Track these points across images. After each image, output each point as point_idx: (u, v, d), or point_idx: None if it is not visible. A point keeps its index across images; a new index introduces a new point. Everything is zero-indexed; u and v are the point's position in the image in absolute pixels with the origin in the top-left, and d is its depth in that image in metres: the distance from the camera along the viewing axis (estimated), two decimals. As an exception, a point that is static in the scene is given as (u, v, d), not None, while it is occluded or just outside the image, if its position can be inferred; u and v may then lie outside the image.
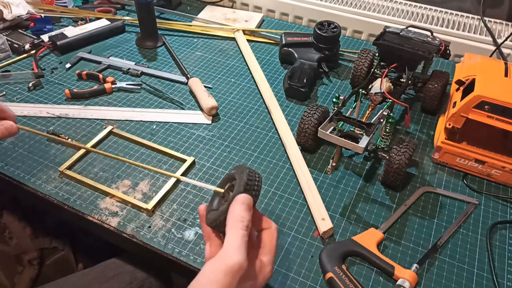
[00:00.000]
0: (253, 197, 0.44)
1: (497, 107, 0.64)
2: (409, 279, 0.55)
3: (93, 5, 1.16)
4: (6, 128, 0.55)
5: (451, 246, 0.62)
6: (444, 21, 1.06)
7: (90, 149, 0.67)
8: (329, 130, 0.65)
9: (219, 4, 1.23)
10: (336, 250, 0.58)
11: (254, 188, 0.45)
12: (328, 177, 0.71)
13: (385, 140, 0.69)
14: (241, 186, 0.44)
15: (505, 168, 0.68)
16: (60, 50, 0.97)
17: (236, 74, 0.95)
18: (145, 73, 0.93)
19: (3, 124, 0.54)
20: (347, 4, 1.12)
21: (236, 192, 0.44)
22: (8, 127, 0.55)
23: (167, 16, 1.15)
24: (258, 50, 1.03)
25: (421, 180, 0.71)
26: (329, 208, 0.66)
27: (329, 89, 0.92)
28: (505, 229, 0.64)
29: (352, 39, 1.10)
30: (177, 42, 1.05)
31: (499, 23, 1.05)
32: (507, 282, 0.57)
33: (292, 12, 1.17)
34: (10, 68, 0.92)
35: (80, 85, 0.89)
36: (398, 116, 0.85)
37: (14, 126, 0.55)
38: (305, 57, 0.93)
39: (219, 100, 0.86)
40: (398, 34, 0.79)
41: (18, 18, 1.01)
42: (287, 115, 0.83)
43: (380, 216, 0.65)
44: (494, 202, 0.68)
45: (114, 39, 1.04)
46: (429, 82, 0.81)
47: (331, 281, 0.54)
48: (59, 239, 0.99)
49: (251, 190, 0.44)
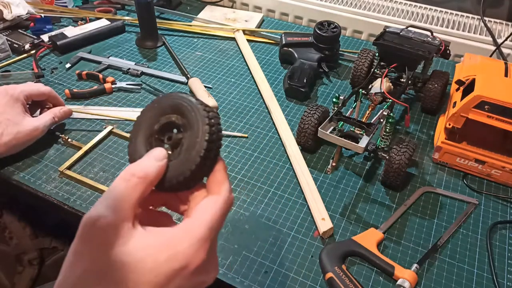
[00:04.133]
0: (218, 148, 0.33)
1: (497, 107, 0.64)
2: (409, 279, 0.55)
3: (93, 5, 1.16)
4: (65, 112, 0.73)
5: (451, 246, 0.62)
6: (444, 21, 1.06)
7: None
8: (329, 130, 0.65)
9: (219, 4, 1.23)
10: (336, 250, 0.58)
11: (220, 134, 0.33)
12: (328, 177, 0.71)
13: (385, 140, 0.69)
14: (205, 134, 0.31)
15: (505, 168, 0.68)
16: (60, 50, 0.97)
17: (236, 74, 0.95)
18: (145, 73, 0.93)
19: (62, 109, 0.73)
20: (347, 4, 1.12)
21: (201, 142, 0.31)
22: (66, 111, 0.73)
23: (167, 16, 1.15)
24: (258, 50, 1.03)
25: (421, 180, 0.71)
26: (329, 208, 0.66)
27: (329, 89, 0.92)
28: (505, 229, 0.64)
29: (352, 39, 1.10)
30: (177, 42, 1.05)
31: (499, 23, 1.05)
32: (507, 282, 0.57)
33: (292, 12, 1.17)
34: (10, 68, 0.92)
35: (80, 85, 0.89)
36: (398, 116, 0.85)
37: (70, 110, 0.75)
38: (305, 57, 0.93)
39: (219, 100, 0.86)
40: (398, 34, 0.79)
41: (18, 18, 1.01)
42: (287, 115, 0.83)
43: (380, 216, 0.65)
44: (494, 202, 0.68)
45: (114, 39, 1.04)
46: (429, 82, 0.81)
47: (331, 281, 0.54)
48: (59, 239, 0.99)
49: (216, 136, 0.32)
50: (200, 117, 0.31)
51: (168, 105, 0.33)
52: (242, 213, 0.65)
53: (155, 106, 0.34)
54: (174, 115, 0.33)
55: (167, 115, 0.33)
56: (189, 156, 0.31)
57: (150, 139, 0.33)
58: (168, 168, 0.32)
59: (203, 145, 0.31)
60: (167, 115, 0.33)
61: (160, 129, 0.33)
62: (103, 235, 0.28)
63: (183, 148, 0.32)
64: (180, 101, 0.32)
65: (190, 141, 0.31)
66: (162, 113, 0.33)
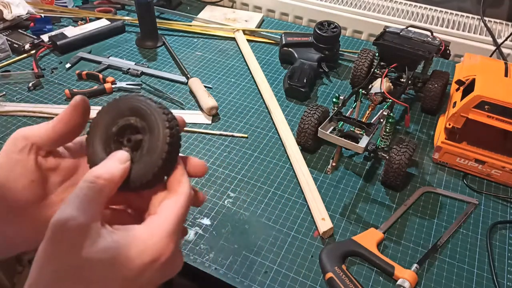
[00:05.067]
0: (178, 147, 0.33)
1: (497, 107, 0.64)
2: (409, 279, 0.55)
3: (93, 5, 1.16)
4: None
5: (451, 246, 0.62)
6: (444, 21, 1.06)
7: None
8: (329, 130, 0.65)
9: (219, 4, 1.23)
10: (336, 250, 0.58)
11: (179, 136, 0.33)
12: (328, 177, 0.71)
13: (385, 140, 0.69)
14: (166, 138, 0.31)
15: (505, 168, 0.68)
16: (60, 50, 0.97)
17: (236, 74, 0.95)
18: (145, 73, 0.93)
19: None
20: (347, 4, 1.12)
21: (162, 148, 0.31)
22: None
23: (167, 16, 1.15)
24: (258, 50, 1.03)
25: (421, 180, 0.71)
26: (329, 208, 0.66)
27: (329, 89, 0.92)
28: (505, 229, 0.64)
29: (352, 39, 1.10)
30: (177, 42, 1.05)
31: (499, 23, 1.05)
32: (507, 282, 0.57)
33: (292, 12, 1.17)
34: (10, 68, 0.92)
35: (80, 85, 0.89)
36: (398, 116, 0.85)
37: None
38: (305, 57, 0.93)
39: (219, 100, 0.86)
40: (398, 34, 0.79)
41: (18, 18, 1.01)
42: (287, 115, 0.83)
43: (380, 216, 0.65)
44: (494, 202, 0.68)
45: (114, 39, 1.04)
46: (429, 82, 0.81)
47: (331, 281, 0.54)
48: (59, 239, 0.99)
49: (176, 138, 0.32)
50: (160, 120, 0.32)
51: (127, 108, 0.33)
52: (242, 213, 0.65)
53: (111, 108, 0.33)
54: (132, 118, 0.33)
55: (125, 117, 0.33)
56: (151, 158, 0.32)
57: (108, 141, 0.33)
58: (131, 170, 0.33)
59: (164, 148, 0.32)
60: (125, 117, 0.33)
61: (118, 131, 0.33)
62: (74, 236, 0.28)
63: (144, 150, 0.32)
64: (139, 104, 0.32)
65: (151, 144, 0.32)
66: (120, 115, 0.33)
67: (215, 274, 0.56)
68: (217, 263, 0.58)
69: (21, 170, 0.33)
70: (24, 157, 0.33)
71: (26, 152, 0.33)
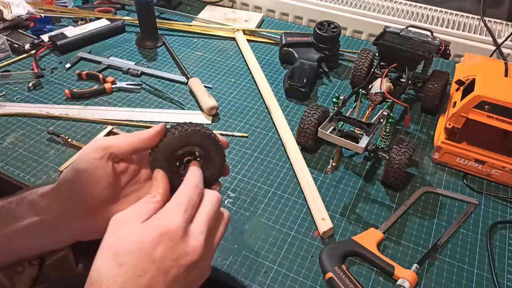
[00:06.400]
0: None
1: (497, 107, 0.64)
2: (409, 279, 0.55)
3: (93, 5, 1.16)
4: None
5: (451, 246, 0.62)
6: (444, 21, 1.06)
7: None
8: (329, 130, 0.65)
9: (219, 4, 1.23)
10: (336, 250, 0.58)
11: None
12: (328, 177, 0.71)
13: (385, 140, 0.69)
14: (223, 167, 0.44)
15: (505, 168, 0.68)
16: (60, 50, 0.97)
17: (236, 74, 0.95)
18: (145, 73, 0.93)
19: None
20: (347, 4, 1.12)
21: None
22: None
23: (167, 16, 1.15)
24: (258, 50, 1.03)
25: (421, 180, 0.71)
26: (329, 208, 0.66)
27: (329, 89, 0.92)
28: (505, 229, 0.64)
29: (352, 39, 1.10)
30: (177, 42, 1.05)
31: (499, 23, 1.05)
32: (507, 282, 0.57)
33: (292, 12, 1.17)
34: (10, 68, 0.92)
35: (80, 85, 0.89)
36: (398, 116, 0.85)
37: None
38: (305, 57, 0.93)
39: (219, 100, 0.86)
40: (398, 34, 0.79)
41: (18, 18, 1.01)
42: (287, 115, 0.83)
43: (380, 216, 0.65)
44: (494, 202, 0.68)
45: (114, 39, 1.04)
46: (429, 82, 0.81)
47: (331, 281, 0.54)
48: (59, 239, 0.99)
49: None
50: (223, 157, 0.42)
51: (198, 143, 0.41)
52: (242, 213, 0.65)
53: (184, 135, 0.40)
54: (197, 148, 0.41)
55: (191, 146, 0.41)
56: (214, 167, 0.43)
57: (171, 159, 0.41)
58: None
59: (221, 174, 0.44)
60: (192, 146, 0.41)
61: (182, 154, 0.41)
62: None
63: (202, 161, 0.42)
64: (213, 145, 0.41)
65: (210, 172, 0.43)
66: (188, 144, 0.40)
67: (215, 274, 0.56)
68: (217, 263, 0.58)
69: (100, 173, 0.38)
70: (103, 163, 0.38)
71: (105, 159, 0.38)
